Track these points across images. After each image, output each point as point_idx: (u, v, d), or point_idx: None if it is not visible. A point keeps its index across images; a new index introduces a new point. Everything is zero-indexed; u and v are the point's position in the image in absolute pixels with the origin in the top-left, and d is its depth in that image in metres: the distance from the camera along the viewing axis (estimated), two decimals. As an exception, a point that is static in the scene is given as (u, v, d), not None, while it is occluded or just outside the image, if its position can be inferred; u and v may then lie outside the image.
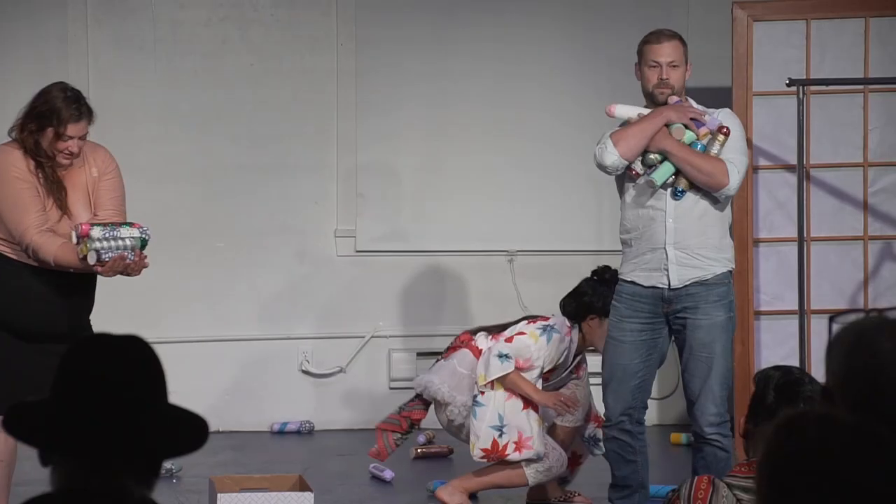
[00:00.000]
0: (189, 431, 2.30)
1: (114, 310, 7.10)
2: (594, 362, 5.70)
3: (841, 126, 6.38)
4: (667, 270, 5.08)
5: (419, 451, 6.85)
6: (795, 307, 6.13)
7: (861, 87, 6.35)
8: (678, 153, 5.03)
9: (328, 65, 7.49)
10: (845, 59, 6.35)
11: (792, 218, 6.23)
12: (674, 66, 5.12)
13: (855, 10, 6.38)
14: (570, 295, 5.79)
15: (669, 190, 5.08)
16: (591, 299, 5.68)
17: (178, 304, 7.41)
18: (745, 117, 6.32)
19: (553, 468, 5.66)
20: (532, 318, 5.77)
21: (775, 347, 6.32)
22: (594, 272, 5.79)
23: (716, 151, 5.06)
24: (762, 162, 6.41)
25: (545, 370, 5.66)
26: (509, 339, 5.62)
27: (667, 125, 5.07)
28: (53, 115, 4.95)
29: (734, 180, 5.03)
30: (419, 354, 7.51)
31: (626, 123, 5.16)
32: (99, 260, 4.84)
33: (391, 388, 7.52)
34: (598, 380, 5.35)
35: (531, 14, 7.52)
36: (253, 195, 7.44)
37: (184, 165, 7.41)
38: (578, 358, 5.83)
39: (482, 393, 5.61)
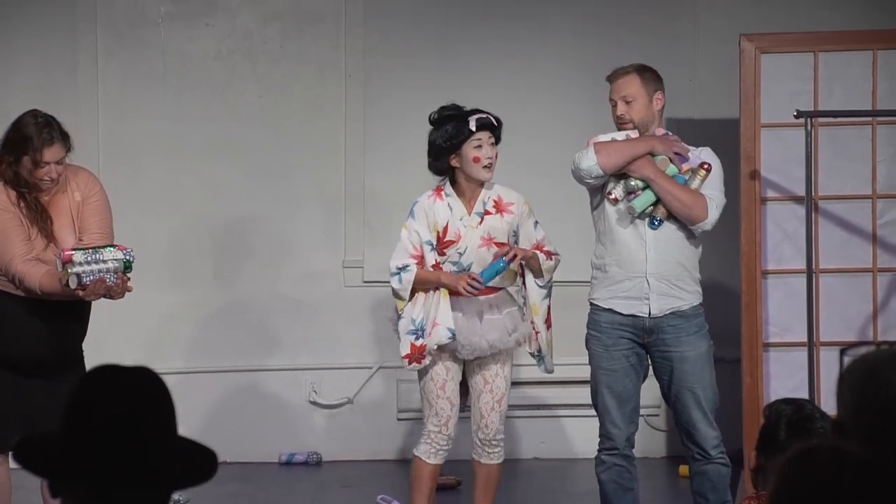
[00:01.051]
0: (198, 463, 2.30)
1: (121, 340, 7.13)
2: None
3: (849, 158, 6.38)
4: (647, 300, 5.15)
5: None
6: (804, 339, 6.12)
7: (869, 118, 6.36)
8: (660, 182, 5.12)
9: (336, 96, 7.51)
10: (853, 92, 6.36)
11: (800, 249, 6.23)
12: (628, 101, 5.22)
13: (863, 42, 6.40)
14: (428, 154, 5.53)
15: (647, 219, 5.16)
16: (439, 143, 5.44)
17: (184, 334, 7.42)
18: (754, 149, 6.33)
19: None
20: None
21: (784, 379, 6.31)
22: (429, 120, 5.53)
23: (696, 186, 5.16)
24: (770, 193, 6.41)
25: (441, 239, 5.44)
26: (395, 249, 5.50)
27: (652, 155, 5.16)
28: (27, 142, 4.97)
29: (712, 215, 5.15)
30: (426, 385, 7.50)
31: None
32: (80, 283, 4.84)
33: (399, 419, 7.51)
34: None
35: (539, 43, 7.54)
36: (261, 225, 7.45)
37: (192, 196, 7.42)
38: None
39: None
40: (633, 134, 5.23)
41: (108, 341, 6.47)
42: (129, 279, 4.94)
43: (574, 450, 7.40)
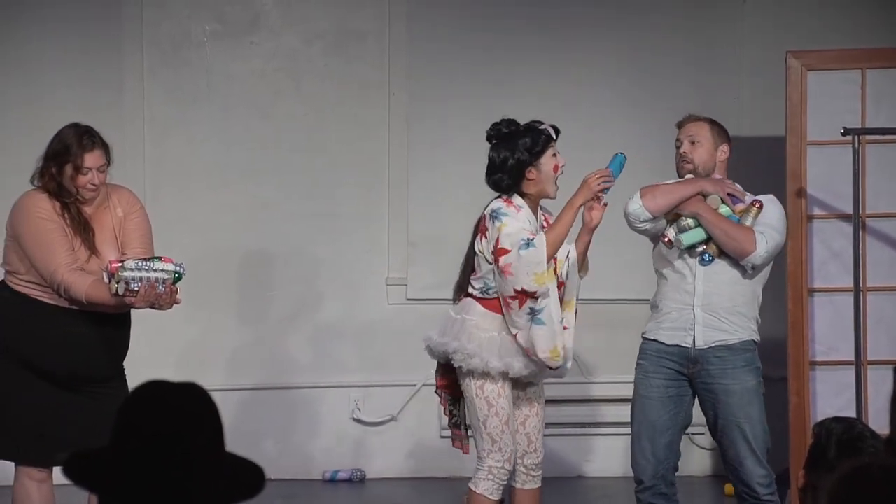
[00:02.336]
0: (246, 479, 2.31)
1: (163, 357, 7.16)
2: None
3: (896, 176, 6.34)
4: (692, 331, 5.11)
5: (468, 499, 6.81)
6: (851, 357, 6.07)
7: (917, 136, 6.31)
8: (708, 216, 5.11)
9: (380, 114, 7.52)
10: (901, 109, 6.32)
11: (847, 267, 6.18)
12: (693, 143, 5.22)
13: (911, 59, 6.36)
14: (490, 171, 5.33)
15: (698, 257, 5.14)
16: (518, 156, 5.24)
17: (229, 351, 7.44)
18: (800, 167, 6.29)
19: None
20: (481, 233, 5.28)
21: (831, 398, 6.25)
22: (489, 137, 5.34)
23: (748, 223, 5.15)
24: (816, 211, 6.36)
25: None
26: (501, 251, 5.10)
27: (704, 195, 5.15)
28: (68, 150, 5.02)
29: (761, 248, 5.10)
30: (471, 403, 7.49)
31: None
32: (129, 289, 4.85)
33: (442, 437, 7.50)
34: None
35: (584, 62, 7.53)
36: (305, 243, 7.47)
37: (237, 214, 7.45)
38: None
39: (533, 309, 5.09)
40: (688, 177, 5.22)
41: (149, 358, 6.50)
42: (177, 291, 4.96)
43: (619, 468, 7.36)
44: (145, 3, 7.39)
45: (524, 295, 5.10)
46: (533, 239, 5.11)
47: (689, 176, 5.23)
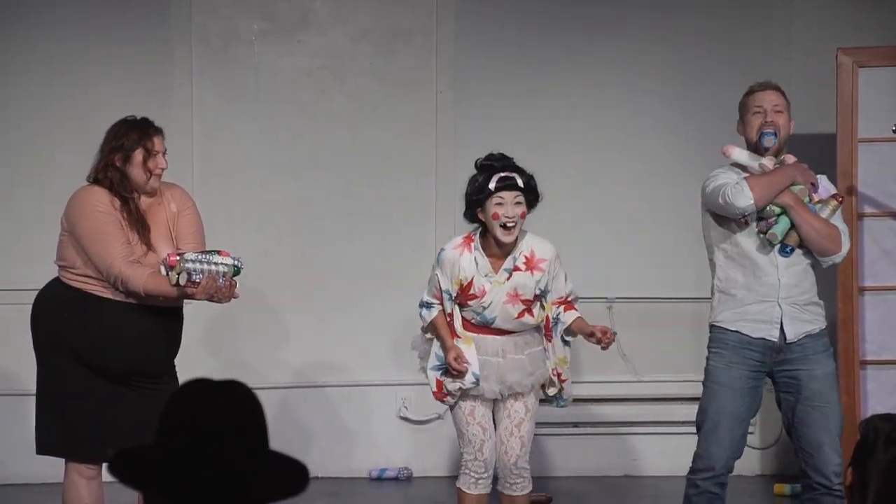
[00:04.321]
0: (290, 477, 2.31)
1: (211, 354, 7.18)
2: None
3: (948, 173, 6.29)
4: (779, 324, 5.05)
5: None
6: (903, 357, 6.03)
7: (968, 133, 6.25)
8: (799, 210, 5.03)
9: (427, 112, 7.52)
10: (951, 106, 6.27)
11: (898, 266, 6.14)
12: (778, 111, 5.10)
13: (962, 55, 6.30)
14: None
15: (778, 246, 5.06)
16: (467, 192, 5.31)
17: (276, 349, 7.46)
18: (850, 164, 6.24)
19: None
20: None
21: (882, 398, 6.21)
22: (475, 165, 5.36)
23: (826, 216, 5.08)
24: (867, 209, 6.32)
25: (465, 292, 5.29)
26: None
27: (793, 185, 5.07)
28: (137, 137, 5.08)
29: (845, 248, 5.08)
30: (517, 402, 7.48)
31: (735, 166, 5.14)
32: (190, 280, 4.87)
33: (489, 436, 7.49)
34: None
35: (628, 61, 7.50)
36: (351, 242, 7.48)
37: (283, 212, 7.47)
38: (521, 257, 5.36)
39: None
40: (767, 162, 5.11)
41: (196, 355, 6.52)
42: (237, 284, 4.99)
43: (666, 467, 7.33)
44: (194, 2, 7.42)
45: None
46: (430, 308, 5.35)
47: (770, 145, 5.09)
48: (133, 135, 5.09)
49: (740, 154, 5.13)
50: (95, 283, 5.06)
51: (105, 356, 5.06)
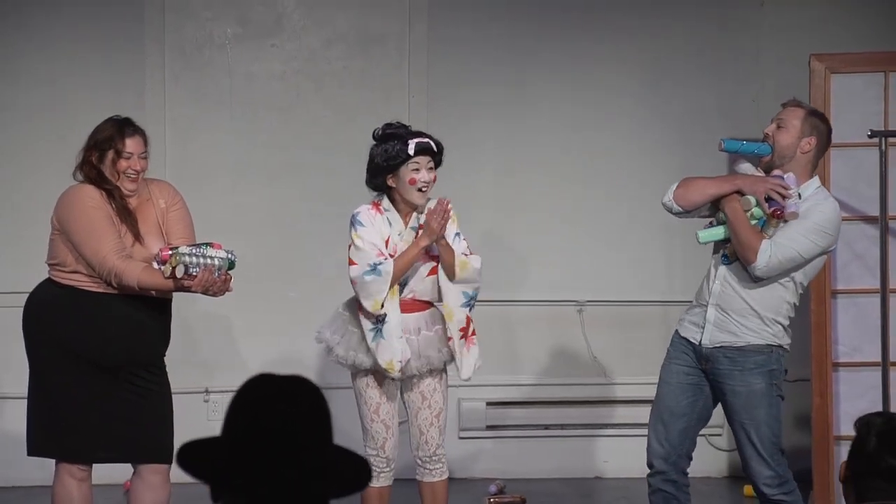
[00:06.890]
0: (352, 472, 2.33)
1: (184, 356, 7.17)
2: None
3: (921, 178, 6.37)
4: (702, 328, 5.08)
5: (491, 500, 6.84)
6: (874, 359, 6.10)
7: (942, 139, 6.35)
8: (731, 218, 4.97)
9: (400, 115, 7.49)
10: (925, 112, 6.36)
11: (869, 269, 6.22)
12: (780, 126, 5.08)
13: (934, 62, 6.40)
14: (366, 169, 5.49)
15: (721, 256, 5.07)
16: (377, 161, 5.38)
17: (247, 352, 7.45)
18: (824, 169, 6.33)
19: None
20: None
21: (855, 400, 6.28)
22: (373, 135, 5.42)
23: (770, 233, 4.97)
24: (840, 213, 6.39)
25: (391, 249, 5.35)
26: (350, 261, 5.40)
27: (742, 194, 4.99)
28: (110, 137, 5.12)
29: (761, 261, 4.91)
30: (489, 404, 7.52)
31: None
32: (187, 273, 4.89)
33: (460, 438, 7.53)
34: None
35: (606, 66, 7.56)
36: (326, 246, 7.49)
37: (257, 217, 7.47)
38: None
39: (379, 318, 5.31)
40: (746, 169, 5.14)
41: (182, 356, 6.51)
42: (231, 278, 5.01)
43: (638, 469, 7.39)
44: (167, 6, 7.41)
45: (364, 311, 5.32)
46: (380, 265, 5.27)
47: (774, 171, 5.04)
48: (107, 134, 5.13)
49: (747, 168, 5.19)
50: (86, 279, 5.06)
51: (97, 346, 5.06)
